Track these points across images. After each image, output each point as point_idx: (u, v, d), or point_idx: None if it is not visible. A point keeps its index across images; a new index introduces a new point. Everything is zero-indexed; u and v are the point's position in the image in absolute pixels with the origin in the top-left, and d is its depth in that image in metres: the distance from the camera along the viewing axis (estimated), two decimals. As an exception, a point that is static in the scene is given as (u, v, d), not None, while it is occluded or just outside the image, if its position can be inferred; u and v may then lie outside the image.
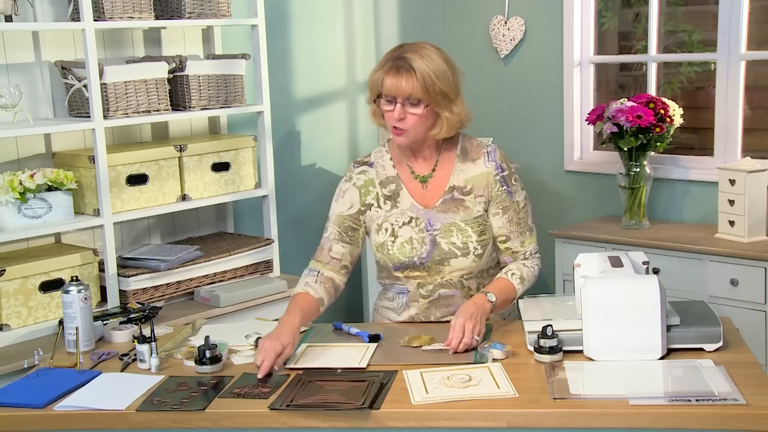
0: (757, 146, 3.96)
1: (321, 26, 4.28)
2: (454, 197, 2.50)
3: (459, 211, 2.49)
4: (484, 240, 2.49)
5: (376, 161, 2.58)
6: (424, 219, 2.49)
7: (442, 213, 2.49)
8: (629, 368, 2.11)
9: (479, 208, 2.50)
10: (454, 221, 2.48)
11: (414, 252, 2.48)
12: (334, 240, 2.56)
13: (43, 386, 2.20)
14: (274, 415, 2.01)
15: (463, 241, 2.47)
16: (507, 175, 2.52)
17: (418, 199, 2.52)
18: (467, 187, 2.50)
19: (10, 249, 3.17)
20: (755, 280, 3.45)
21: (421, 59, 2.37)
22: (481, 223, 2.49)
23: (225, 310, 3.30)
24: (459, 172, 2.51)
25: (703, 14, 4.20)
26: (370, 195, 2.55)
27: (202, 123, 3.75)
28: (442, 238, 2.48)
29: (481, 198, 2.50)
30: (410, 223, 2.50)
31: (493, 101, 4.67)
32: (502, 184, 2.50)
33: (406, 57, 2.38)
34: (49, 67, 3.26)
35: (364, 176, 2.57)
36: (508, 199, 2.51)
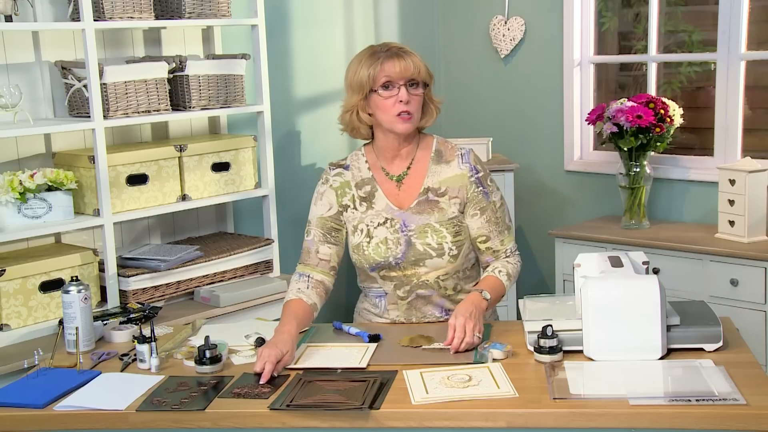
0: (757, 146, 3.96)
1: (321, 26, 4.28)
2: (429, 198, 2.53)
3: (434, 212, 2.52)
4: (459, 241, 2.51)
5: (351, 164, 2.61)
6: (399, 220, 2.52)
7: (416, 214, 2.52)
8: (629, 368, 2.11)
9: (454, 210, 2.52)
10: (429, 222, 2.51)
11: (389, 252, 2.50)
12: (320, 242, 2.57)
13: (43, 386, 2.20)
14: (274, 415, 2.01)
15: (437, 242, 2.49)
16: (482, 176, 2.55)
17: (393, 200, 2.55)
18: (442, 189, 2.53)
19: (10, 249, 3.17)
20: (755, 280, 3.45)
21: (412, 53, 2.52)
22: (456, 224, 2.51)
23: (225, 310, 3.30)
24: (433, 174, 2.54)
25: (703, 14, 4.20)
26: (347, 196, 2.58)
27: (202, 123, 3.75)
28: (417, 239, 2.50)
29: (456, 199, 2.52)
30: (385, 224, 2.52)
31: (493, 101, 4.67)
32: (477, 185, 2.53)
33: (395, 47, 2.51)
34: (49, 67, 3.26)
35: (340, 178, 2.60)
36: (485, 199, 2.53)
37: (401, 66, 2.45)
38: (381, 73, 2.45)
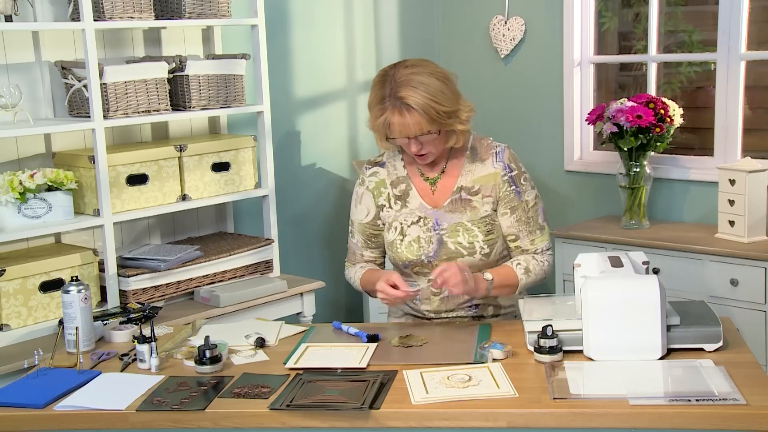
0: (757, 146, 3.96)
1: (321, 26, 4.28)
2: (462, 197, 2.52)
3: (466, 211, 2.51)
4: (491, 239, 2.51)
5: (387, 161, 2.61)
6: (432, 218, 2.52)
7: (449, 213, 2.51)
8: (629, 368, 2.11)
9: (486, 208, 2.51)
10: (461, 221, 2.50)
11: (422, 251, 2.51)
12: (363, 247, 2.66)
13: (43, 386, 2.20)
14: (274, 415, 2.01)
15: (469, 240, 2.49)
16: (516, 175, 2.52)
17: (427, 199, 2.54)
18: (475, 188, 2.52)
19: (10, 249, 3.17)
20: (755, 280, 3.45)
21: (415, 91, 2.33)
22: (489, 222, 2.50)
23: (225, 310, 3.30)
24: (467, 173, 2.53)
25: (703, 14, 4.20)
26: (382, 196, 2.59)
27: (202, 123, 3.75)
28: (449, 238, 2.50)
29: (488, 198, 2.51)
30: (418, 223, 2.53)
31: (493, 101, 4.67)
32: (510, 184, 2.51)
33: (401, 96, 2.34)
34: (49, 67, 3.26)
35: (376, 178, 2.61)
36: (516, 198, 2.51)
37: (403, 125, 2.35)
38: (390, 131, 2.40)
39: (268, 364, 2.31)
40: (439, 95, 2.35)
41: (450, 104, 2.38)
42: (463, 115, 2.42)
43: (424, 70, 2.39)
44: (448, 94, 2.38)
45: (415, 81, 2.35)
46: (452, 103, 2.39)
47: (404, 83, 2.35)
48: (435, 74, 2.40)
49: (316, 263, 4.28)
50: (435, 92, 2.35)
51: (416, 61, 2.43)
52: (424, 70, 2.39)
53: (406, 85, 2.34)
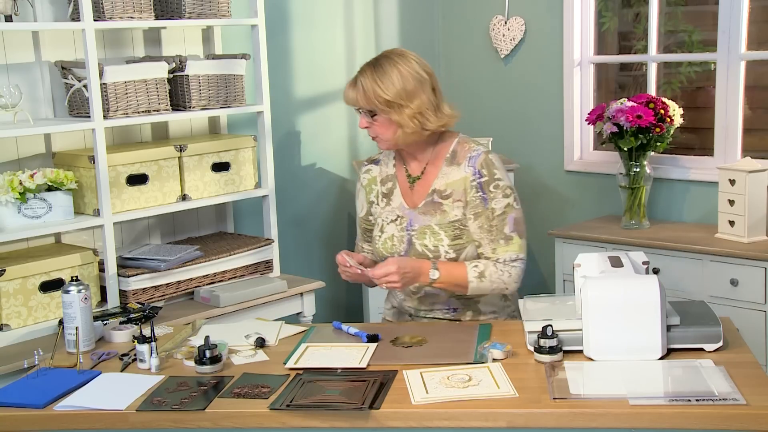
0: (757, 146, 3.96)
1: (321, 26, 4.28)
2: (434, 200, 2.55)
3: (436, 214, 2.54)
4: (458, 244, 2.52)
5: (382, 159, 2.69)
6: (407, 219, 2.57)
7: (422, 215, 2.55)
8: (629, 368, 2.11)
9: (456, 213, 2.53)
10: (430, 224, 2.53)
11: (394, 249, 2.57)
12: (361, 240, 2.76)
13: (43, 386, 2.20)
14: (274, 415, 2.01)
15: (434, 244, 2.52)
16: (485, 181, 2.51)
17: (407, 199, 2.60)
18: (447, 191, 2.54)
19: (10, 249, 3.17)
20: (755, 280, 3.45)
21: (371, 73, 2.47)
22: (457, 227, 2.52)
23: (225, 310, 3.30)
24: (443, 176, 2.55)
25: (703, 14, 4.20)
26: (373, 193, 2.67)
27: (202, 123, 3.75)
28: (417, 240, 2.54)
29: (459, 203, 2.53)
30: (396, 221, 2.59)
31: (493, 101, 4.67)
32: (477, 190, 2.51)
33: (362, 71, 2.51)
34: (49, 67, 3.26)
35: (368, 175, 2.70)
36: (481, 205, 2.51)
37: (348, 96, 2.52)
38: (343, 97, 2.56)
39: (268, 364, 2.31)
40: (387, 83, 2.45)
41: (393, 95, 2.44)
42: (406, 111, 2.46)
43: (397, 60, 2.50)
44: (398, 87, 2.45)
45: (379, 64, 2.50)
46: (397, 96, 2.45)
47: (373, 63, 2.51)
48: (402, 67, 2.48)
49: (316, 263, 4.28)
50: (385, 80, 2.46)
51: (404, 53, 2.55)
52: (398, 60, 2.50)
53: (371, 65, 2.50)
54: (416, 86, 2.47)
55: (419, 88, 2.47)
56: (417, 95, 2.47)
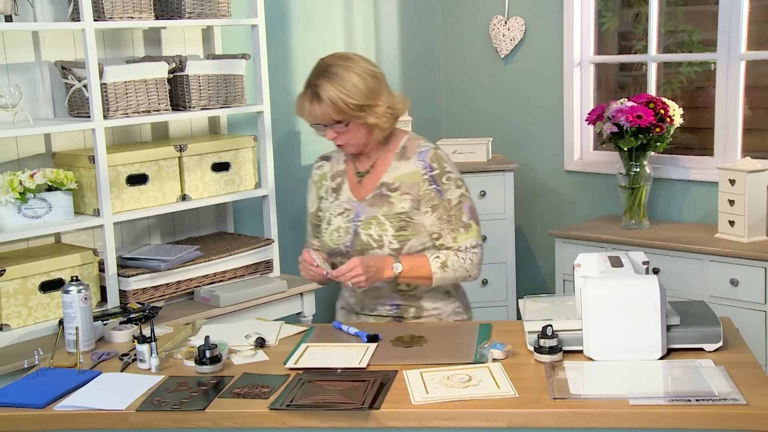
0: (757, 146, 3.96)
1: (321, 26, 4.28)
2: (382, 193, 2.58)
3: (383, 206, 2.57)
4: (402, 236, 2.55)
5: (333, 156, 2.73)
6: (354, 211, 2.61)
7: (369, 206, 2.59)
8: (629, 368, 2.11)
9: (404, 205, 2.56)
10: (376, 215, 2.57)
11: (340, 240, 2.61)
12: (311, 236, 2.76)
13: (43, 386, 2.20)
14: (274, 415, 2.01)
15: (378, 233, 2.55)
16: (437, 174, 2.56)
17: (354, 193, 2.63)
18: (395, 184, 2.58)
19: (10, 249, 3.17)
20: (755, 280, 3.45)
21: (329, 82, 2.43)
22: (403, 219, 2.56)
23: (225, 310, 3.30)
24: (392, 170, 2.59)
25: (703, 14, 4.20)
26: (323, 188, 2.71)
27: (202, 123, 3.75)
28: (362, 230, 2.58)
29: (407, 195, 2.56)
30: (343, 214, 2.63)
31: (493, 101, 4.67)
32: (430, 183, 2.56)
33: (316, 84, 2.46)
34: (49, 67, 3.26)
35: (320, 171, 2.74)
36: (437, 197, 2.56)
37: (311, 113, 2.48)
38: (303, 113, 2.53)
39: (268, 364, 2.31)
40: (351, 89, 2.43)
41: (362, 99, 2.44)
42: (379, 109, 2.48)
43: (347, 64, 2.48)
44: (362, 89, 2.45)
45: (332, 72, 2.45)
46: (365, 98, 2.45)
47: (324, 73, 2.46)
48: (356, 70, 2.47)
49: (316, 263, 4.27)
50: (348, 86, 2.44)
51: (348, 55, 2.53)
52: (348, 64, 2.48)
53: (324, 76, 2.46)
54: (376, 83, 2.49)
55: (378, 83, 2.50)
56: (380, 91, 2.50)
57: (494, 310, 4.19)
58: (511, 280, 4.23)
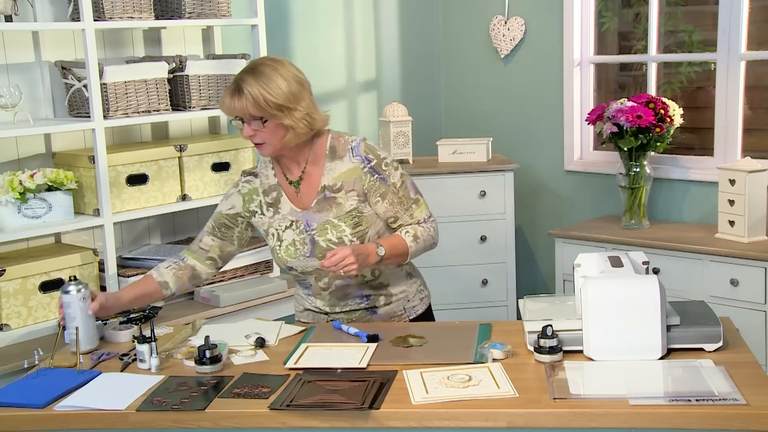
0: (757, 146, 3.96)
1: (321, 26, 4.28)
2: (327, 196, 2.59)
3: (332, 208, 2.58)
4: (359, 231, 2.57)
5: (260, 172, 2.69)
6: (303, 221, 2.60)
7: (317, 213, 2.59)
8: (629, 368, 2.11)
9: (352, 203, 2.58)
10: (328, 219, 2.58)
11: (298, 253, 2.59)
12: (207, 233, 2.71)
13: (43, 386, 2.20)
14: (274, 415, 2.01)
15: (337, 236, 2.56)
16: (375, 164, 2.59)
17: (296, 203, 2.62)
18: (337, 185, 2.58)
19: (10, 249, 3.17)
20: (755, 280, 3.45)
21: (253, 79, 2.45)
22: (355, 216, 2.57)
23: (225, 310, 3.30)
24: (329, 172, 2.60)
25: (703, 14, 4.20)
26: (254, 203, 2.67)
27: (202, 123, 3.75)
28: (319, 237, 2.57)
29: (352, 192, 2.58)
30: (291, 227, 2.61)
31: (493, 101, 4.67)
32: (372, 174, 2.58)
33: (241, 79, 2.47)
34: (49, 67, 3.26)
35: (249, 185, 2.69)
36: (383, 185, 2.59)
37: (229, 106, 2.48)
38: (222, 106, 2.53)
39: (268, 364, 2.31)
40: (274, 88, 2.44)
41: (283, 99, 2.45)
42: (297, 114, 2.48)
43: (275, 65, 2.49)
44: (284, 91, 2.46)
45: (258, 71, 2.47)
46: (286, 99, 2.46)
47: (250, 71, 2.48)
48: (283, 72, 2.48)
49: (316, 263, 4.27)
50: (271, 84, 2.44)
51: (279, 59, 2.55)
52: (276, 65, 2.49)
53: (250, 73, 2.47)
54: (299, 88, 2.51)
55: (302, 89, 2.52)
56: (302, 97, 2.51)
57: (494, 310, 4.19)
58: (511, 280, 4.23)
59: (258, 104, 2.44)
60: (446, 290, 4.07)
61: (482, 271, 4.18)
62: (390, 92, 4.62)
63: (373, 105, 4.56)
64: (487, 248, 4.16)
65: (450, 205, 4.07)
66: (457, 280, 4.09)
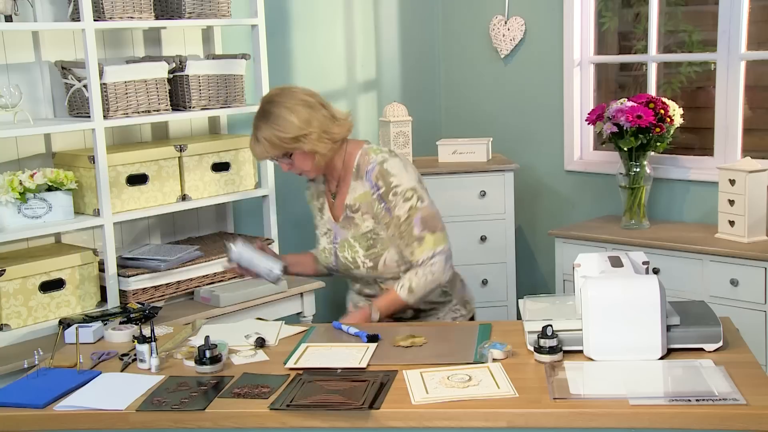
0: (757, 146, 3.96)
1: (321, 26, 4.28)
2: (347, 215, 2.68)
3: (351, 228, 2.67)
4: (372, 254, 2.63)
5: (317, 177, 2.78)
6: (333, 232, 2.73)
7: (342, 228, 2.70)
8: (629, 368, 2.11)
9: (368, 224, 2.64)
10: (347, 237, 2.68)
11: (327, 260, 2.77)
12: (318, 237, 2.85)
13: (43, 386, 2.20)
14: (274, 415, 2.01)
15: (352, 256, 2.66)
16: (383, 192, 2.60)
17: (333, 213, 2.74)
18: (356, 206, 2.66)
19: (10, 249, 3.17)
20: (755, 280, 3.45)
21: (265, 123, 2.56)
22: (370, 238, 2.63)
23: (225, 310, 3.30)
24: (352, 191, 2.67)
25: (703, 14, 4.20)
26: (314, 208, 2.85)
27: (202, 123, 3.75)
28: (339, 252, 2.70)
29: (367, 215, 2.64)
30: (326, 234, 2.77)
31: (493, 101, 4.67)
32: (380, 202, 2.62)
33: (256, 126, 2.60)
34: (49, 67, 3.26)
35: (308, 192, 2.86)
36: (387, 216, 2.62)
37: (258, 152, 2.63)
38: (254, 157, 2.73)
39: (268, 364, 2.31)
40: (283, 124, 2.54)
41: (295, 131, 2.54)
42: (312, 137, 2.55)
43: (279, 99, 2.58)
44: (295, 123, 2.54)
45: (267, 112, 2.58)
46: (299, 129, 2.54)
47: (261, 115, 2.59)
48: (287, 103, 2.56)
49: (316, 263, 4.27)
50: (280, 121, 2.54)
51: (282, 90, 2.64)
52: (280, 99, 2.58)
53: (261, 117, 2.59)
54: (308, 111, 2.57)
55: (311, 111, 2.58)
56: (313, 118, 2.57)
57: (494, 310, 4.19)
58: (511, 280, 4.23)
59: (274, 144, 2.55)
60: (446, 290, 4.06)
61: (482, 271, 4.18)
62: (390, 92, 4.62)
63: (373, 105, 4.56)
64: (487, 248, 4.16)
65: (450, 205, 4.07)
66: (457, 280, 4.08)
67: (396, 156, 2.64)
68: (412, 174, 2.62)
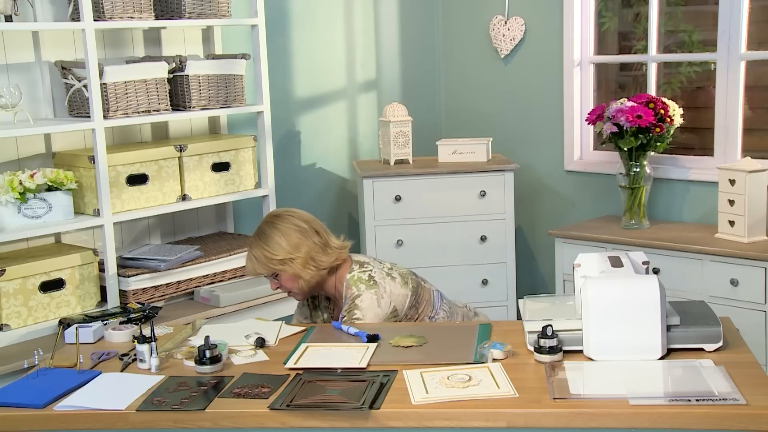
0: (757, 146, 3.96)
1: (321, 26, 4.28)
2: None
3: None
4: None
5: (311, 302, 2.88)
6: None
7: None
8: (629, 368, 2.11)
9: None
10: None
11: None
12: None
13: (43, 386, 2.20)
14: (274, 415, 2.01)
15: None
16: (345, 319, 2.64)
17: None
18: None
19: (10, 249, 3.17)
20: (755, 280, 3.45)
21: (257, 243, 2.66)
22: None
23: (225, 310, 3.30)
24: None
25: (703, 14, 4.20)
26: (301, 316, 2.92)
27: (202, 123, 3.75)
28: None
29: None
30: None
31: (493, 101, 4.67)
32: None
33: (249, 244, 2.71)
34: (49, 67, 3.26)
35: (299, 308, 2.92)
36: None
37: (249, 269, 2.72)
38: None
39: (268, 364, 2.31)
40: (272, 246, 2.64)
41: (283, 254, 2.64)
42: (298, 261, 2.64)
43: (275, 221, 2.68)
44: (284, 246, 2.64)
45: (261, 231, 2.68)
46: (287, 253, 2.64)
47: (257, 234, 2.69)
48: (281, 226, 2.66)
49: (316, 263, 4.27)
50: (270, 243, 2.65)
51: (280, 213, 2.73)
52: (275, 221, 2.68)
53: (257, 236, 2.69)
54: (299, 237, 2.65)
55: (302, 237, 2.66)
56: (302, 244, 2.65)
57: (494, 310, 4.18)
58: (511, 280, 4.23)
59: (262, 264, 2.66)
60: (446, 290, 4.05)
61: (482, 271, 4.18)
62: (390, 92, 4.62)
63: (373, 105, 4.56)
64: (487, 248, 4.16)
65: (450, 205, 4.07)
66: (457, 280, 4.09)
67: (374, 286, 2.64)
68: (382, 311, 2.63)
